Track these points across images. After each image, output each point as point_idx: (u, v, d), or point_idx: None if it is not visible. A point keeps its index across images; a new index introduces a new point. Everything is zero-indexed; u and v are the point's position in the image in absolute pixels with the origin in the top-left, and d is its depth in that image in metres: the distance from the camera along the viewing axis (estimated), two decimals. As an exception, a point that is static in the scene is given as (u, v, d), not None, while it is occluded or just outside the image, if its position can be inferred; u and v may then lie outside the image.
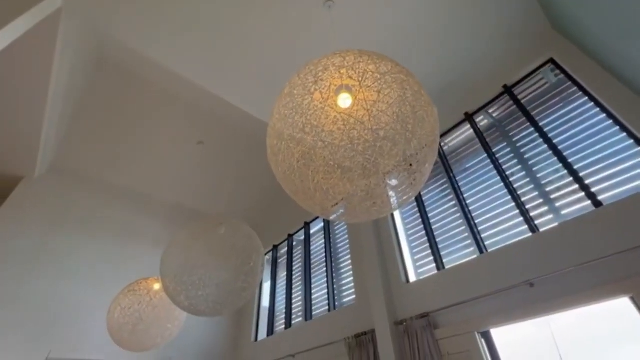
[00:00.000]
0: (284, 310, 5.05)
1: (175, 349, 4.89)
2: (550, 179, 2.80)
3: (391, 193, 1.46)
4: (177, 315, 3.36)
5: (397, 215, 3.90)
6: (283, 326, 4.89)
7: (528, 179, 2.96)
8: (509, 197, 2.96)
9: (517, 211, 2.85)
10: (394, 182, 1.61)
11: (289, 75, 2.98)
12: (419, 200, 3.74)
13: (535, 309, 2.31)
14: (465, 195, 3.35)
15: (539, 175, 2.91)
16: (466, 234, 3.19)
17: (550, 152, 2.83)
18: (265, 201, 6.59)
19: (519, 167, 3.07)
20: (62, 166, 5.17)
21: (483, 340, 2.59)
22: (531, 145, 3.06)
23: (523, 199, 2.87)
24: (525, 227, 2.74)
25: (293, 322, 4.77)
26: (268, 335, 5.10)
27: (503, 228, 2.95)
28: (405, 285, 3.30)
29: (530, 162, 3.01)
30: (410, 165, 1.51)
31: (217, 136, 5.34)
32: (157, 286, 3.35)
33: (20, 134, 4.10)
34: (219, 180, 6.12)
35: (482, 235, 3.04)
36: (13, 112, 3.80)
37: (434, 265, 3.29)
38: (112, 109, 4.68)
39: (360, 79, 1.25)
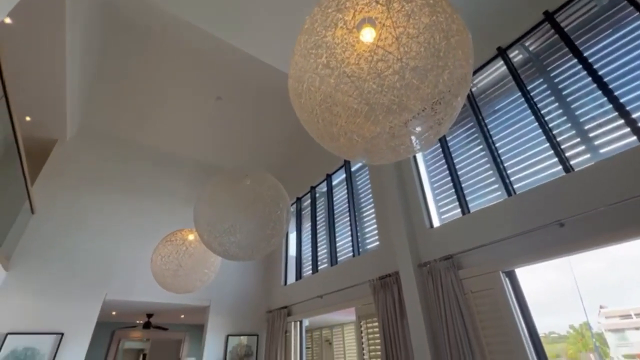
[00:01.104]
0: (310, 258, 5.32)
1: (214, 290, 5.37)
2: (591, 115, 2.60)
3: (419, 129, 1.40)
4: (212, 261, 3.61)
5: (420, 161, 3.83)
6: (310, 271, 5.20)
7: (565, 117, 2.77)
8: (543, 137, 2.80)
9: (552, 151, 2.71)
10: (418, 129, 1.55)
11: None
12: (443, 144, 3.63)
13: (564, 247, 2.29)
14: (494, 138, 3.20)
15: (577, 112, 2.71)
16: (493, 179, 3.11)
17: (594, 85, 2.59)
18: (287, 155, 6.64)
19: (556, 104, 2.85)
20: (91, 128, 5.39)
21: (507, 279, 2.65)
22: (572, 79, 2.80)
23: (558, 139, 2.71)
24: (559, 167, 2.62)
25: (319, 268, 5.04)
26: (296, 280, 5.46)
27: (534, 170, 2.83)
28: (429, 230, 3.35)
29: (569, 98, 2.78)
30: (439, 102, 1.42)
31: (236, 91, 5.27)
32: (191, 237, 3.57)
33: (47, 98, 4.22)
34: (240, 136, 6.17)
35: (512, 179, 2.95)
36: (37, 76, 3.87)
37: (459, 210, 3.28)
38: (130, 69, 4.67)
39: (387, 2, 1.14)
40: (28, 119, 4.43)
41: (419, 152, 1.56)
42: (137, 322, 7.21)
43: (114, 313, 6.08)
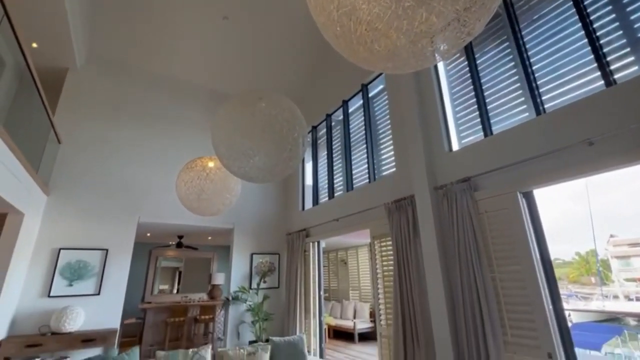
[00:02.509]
0: (326, 186, 5.46)
1: (237, 214, 5.75)
2: (650, 17, 2.25)
3: (445, 30, 1.25)
4: (233, 186, 3.76)
5: (443, 82, 3.59)
6: (326, 198, 5.39)
7: (617, 23, 2.42)
8: (588, 48, 2.50)
9: (595, 64, 2.44)
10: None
11: None
12: (471, 61, 3.34)
13: (590, 166, 2.21)
14: (530, 53, 2.89)
15: (633, 17, 2.35)
16: (522, 99, 2.90)
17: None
18: (301, 82, 6.35)
19: (609, 7, 2.47)
20: (101, 57, 5.31)
21: (524, 200, 2.65)
22: (635, -26, 2.36)
23: (605, 49, 2.41)
24: (599, 83, 2.39)
25: (335, 194, 5.20)
26: (313, 205, 5.70)
27: (569, 87, 2.60)
28: (448, 154, 3.29)
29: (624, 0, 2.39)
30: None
31: (243, 10, 4.87)
32: (211, 164, 3.68)
33: (50, 25, 4.04)
34: (252, 63, 5.89)
35: (543, 98, 2.74)
36: (35, 3, 3.65)
37: (480, 134, 3.15)
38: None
39: None
40: (35, 45, 4.31)
41: (446, 57, 1.42)
42: (170, 242, 7.97)
43: (148, 234, 6.70)
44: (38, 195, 4.05)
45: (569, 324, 2.47)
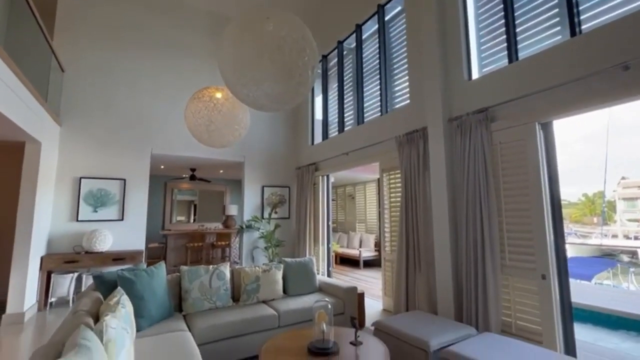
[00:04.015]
0: (336, 121, 5.35)
1: (247, 148, 5.81)
2: None
3: None
4: (241, 118, 3.71)
5: (469, 2, 3.22)
6: (336, 132, 5.32)
7: None
8: (645, -49, 2.14)
9: (649, -28, 2.11)
10: None
11: None
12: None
13: (622, 93, 2.06)
14: (574, -40, 2.50)
15: None
16: (557, 19, 2.60)
17: None
18: (310, 3, 5.79)
19: None
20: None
21: (541, 132, 2.56)
22: None
23: (666, -47, 2.07)
24: (651, -5, 2.10)
25: (345, 128, 5.12)
26: (323, 140, 5.67)
27: (615, 4, 2.30)
28: (466, 83, 3.10)
29: None
30: None
31: None
32: (218, 95, 3.59)
33: None
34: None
35: (582, 17, 2.45)
36: None
37: (505, 61, 2.92)
38: None
39: None
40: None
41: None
42: (184, 175, 8.25)
43: (162, 167, 6.90)
44: (51, 126, 4.10)
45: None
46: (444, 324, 2.47)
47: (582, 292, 5.19)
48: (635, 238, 14.95)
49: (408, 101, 3.83)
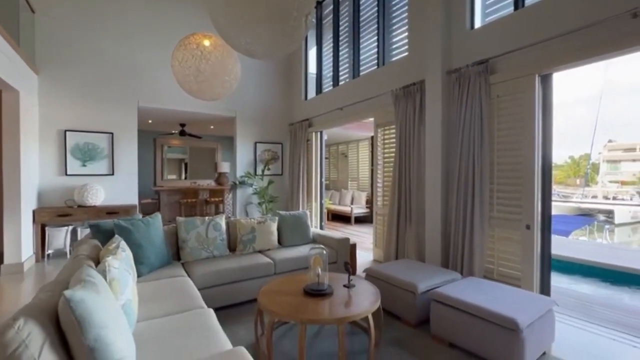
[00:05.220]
0: (331, 74, 5.15)
1: (238, 103, 5.63)
2: None
3: None
4: (232, 68, 3.53)
5: (479, -61, 2.97)
6: (330, 86, 5.15)
7: None
8: None
9: None
10: None
11: None
12: None
13: (630, 41, 2.01)
14: None
15: None
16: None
17: None
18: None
19: None
20: None
21: (541, 86, 2.53)
22: None
23: None
24: None
25: (340, 82, 4.95)
26: (317, 94, 5.51)
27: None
28: (468, 32, 2.97)
29: None
30: None
31: None
32: (206, 42, 3.37)
33: None
34: None
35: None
36: None
37: (510, 8, 2.77)
38: None
39: None
40: None
41: None
42: (173, 131, 8.04)
43: (150, 121, 6.68)
44: (28, 73, 3.85)
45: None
46: (431, 270, 2.62)
47: (560, 246, 5.52)
48: (614, 198, 15.66)
49: (406, 53, 3.68)
